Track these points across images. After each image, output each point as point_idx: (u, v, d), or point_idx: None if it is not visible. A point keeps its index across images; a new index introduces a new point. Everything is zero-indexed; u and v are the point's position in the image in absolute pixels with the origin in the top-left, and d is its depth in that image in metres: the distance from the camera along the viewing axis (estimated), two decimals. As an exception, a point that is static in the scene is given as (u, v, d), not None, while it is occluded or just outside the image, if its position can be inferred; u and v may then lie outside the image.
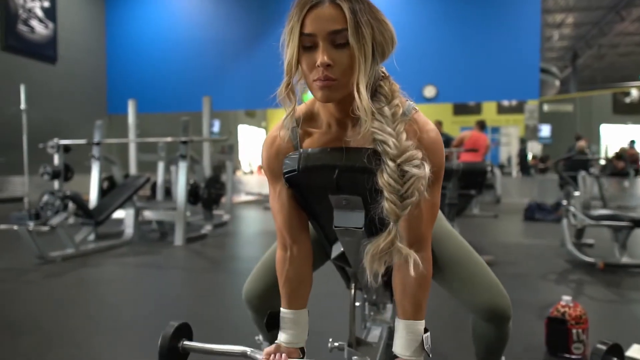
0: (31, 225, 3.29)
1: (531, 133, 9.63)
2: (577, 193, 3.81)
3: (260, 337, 1.39)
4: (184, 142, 4.31)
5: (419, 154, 0.79)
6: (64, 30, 10.33)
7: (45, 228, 3.34)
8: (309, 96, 0.92)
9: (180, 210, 4.31)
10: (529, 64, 8.83)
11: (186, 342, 0.96)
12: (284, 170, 0.88)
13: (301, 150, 0.88)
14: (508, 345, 1.46)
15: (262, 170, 0.99)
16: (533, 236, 4.99)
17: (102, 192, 4.90)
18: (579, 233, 3.70)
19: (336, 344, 1.28)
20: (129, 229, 4.37)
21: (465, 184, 3.36)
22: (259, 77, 9.63)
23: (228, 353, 0.94)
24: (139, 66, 10.80)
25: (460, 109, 17.36)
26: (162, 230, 4.85)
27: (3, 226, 3.40)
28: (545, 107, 17.31)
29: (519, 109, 16.22)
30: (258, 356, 0.91)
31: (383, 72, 0.89)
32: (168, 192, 5.66)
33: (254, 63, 9.69)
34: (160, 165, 5.65)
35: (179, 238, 4.23)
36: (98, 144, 4.79)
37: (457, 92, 9.38)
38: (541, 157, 14.87)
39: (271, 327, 1.03)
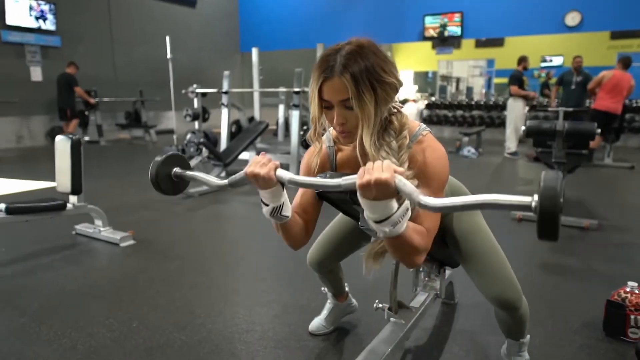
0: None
1: None
2: None
3: (325, 289, 1.77)
4: (297, 92, 4.69)
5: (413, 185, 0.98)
6: (201, -25, 11.19)
7: (186, 170, 4.07)
8: None
9: (294, 154, 4.80)
10: None
11: (178, 170, 1.15)
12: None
13: (327, 173, 1.13)
14: (566, 317, 1.68)
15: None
16: (667, 196, 4.47)
17: (231, 135, 5.62)
18: None
19: (380, 305, 1.57)
20: (251, 169, 5.04)
21: (573, 144, 3.17)
22: (377, 14, 9.45)
23: (210, 183, 1.12)
24: (266, 7, 11.30)
25: (620, 32, 14.65)
26: (280, 170, 5.47)
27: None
28: None
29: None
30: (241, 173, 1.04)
31: (396, 108, 1.06)
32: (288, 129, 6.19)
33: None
34: (281, 108, 6.19)
35: (292, 179, 4.76)
36: (226, 92, 5.43)
37: (607, 18, 8.06)
38: None
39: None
